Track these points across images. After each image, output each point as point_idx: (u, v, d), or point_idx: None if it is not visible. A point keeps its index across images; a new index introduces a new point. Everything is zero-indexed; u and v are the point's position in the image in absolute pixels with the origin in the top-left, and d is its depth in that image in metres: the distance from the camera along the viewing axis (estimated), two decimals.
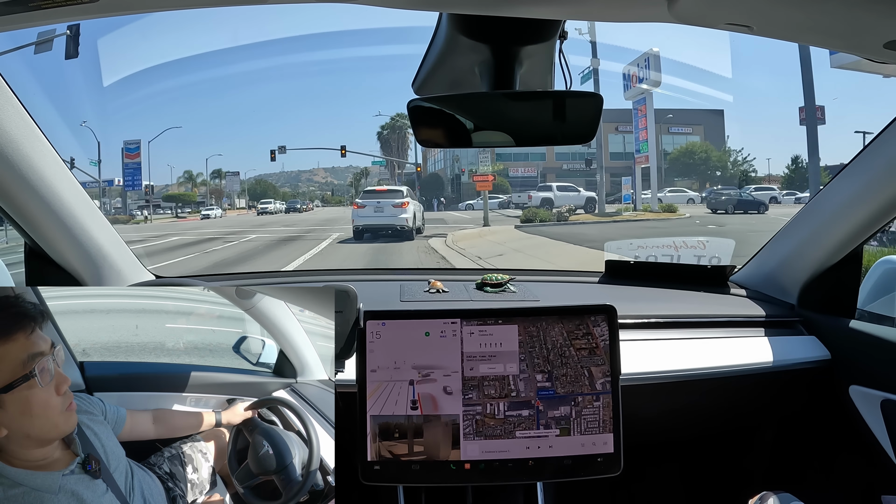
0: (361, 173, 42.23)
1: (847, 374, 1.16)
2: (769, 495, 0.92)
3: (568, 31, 0.77)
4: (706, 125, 30.33)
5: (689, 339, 1.19)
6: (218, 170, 36.53)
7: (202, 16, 24.22)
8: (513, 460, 0.89)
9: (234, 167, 42.19)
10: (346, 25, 31.23)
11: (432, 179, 33.27)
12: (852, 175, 1.09)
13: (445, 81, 0.89)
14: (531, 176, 29.08)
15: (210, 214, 25.88)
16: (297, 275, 1.56)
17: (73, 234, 1.07)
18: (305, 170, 64.07)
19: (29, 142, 0.90)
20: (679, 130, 30.13)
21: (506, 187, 28.12)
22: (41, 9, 0.57)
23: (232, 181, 36.65)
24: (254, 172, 42.73)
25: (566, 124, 0.80)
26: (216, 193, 35.14)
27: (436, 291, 1.35)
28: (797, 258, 1.26)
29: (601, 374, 0.90)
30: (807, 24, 0.60)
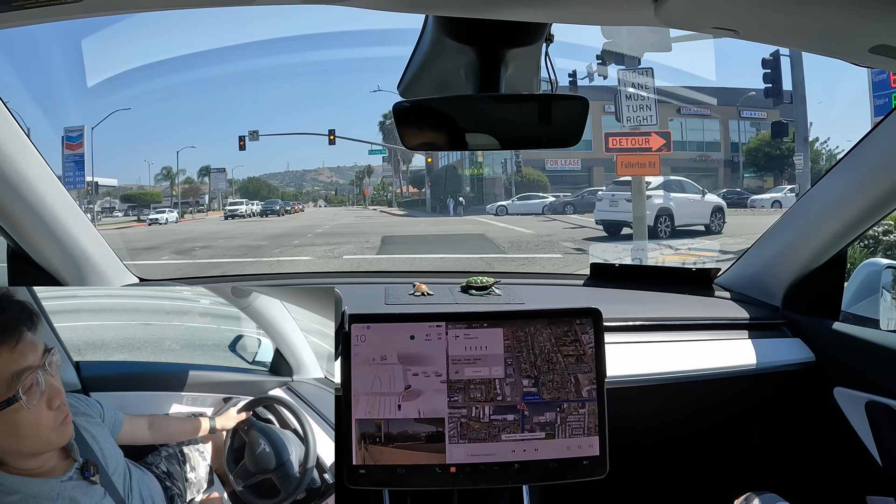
0: (364, 171, 41.91)
1: (832, 376, 1.15)
2: (754, 496, 0.91)
3: (554, 35, 0.75)
4: (782, 108, 25.23)
5: (674, 342, 1.17)
6: (206, 167, 32.40)
7: (188, 17, 23.76)
8: (498, 463, 0.87)
9: (234, 166, 40.79)
10: (333, 27, 30.34)
11: (447, 175, 25.67)
12: (836, 178, 1.08)
13: (431, 84, 0.87)
14: (573, 169, 22.89)
15: (159, 219, 20.99)
16: (282, 277, 1.54)
17: (56, 236, 1.04)
18: (310, 169, 63.93)
19: (12, 143, 0.88)
20: (751, 115, 23.02)
21: (543, 183, 21.73)
22: (24, 8, 0.54)
23: (217, 178, 31.90)
24: (255, 171, 42.13)
25: (552, 126, 0.78)
26: (192, 192, 30.83)
27: (420, 294, 1.32)
28: (782, 261, 1.25)
29: (587, 381, 0.89)
30: (793, 29, 0.59)
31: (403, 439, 0.87)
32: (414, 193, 31.75)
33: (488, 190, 23.37)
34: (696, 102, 21.22)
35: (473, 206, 21.68)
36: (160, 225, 19.97)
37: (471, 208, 21.07)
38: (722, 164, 22.88)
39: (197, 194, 31.03)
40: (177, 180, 30.45)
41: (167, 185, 30.62)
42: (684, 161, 22.07)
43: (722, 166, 22.82)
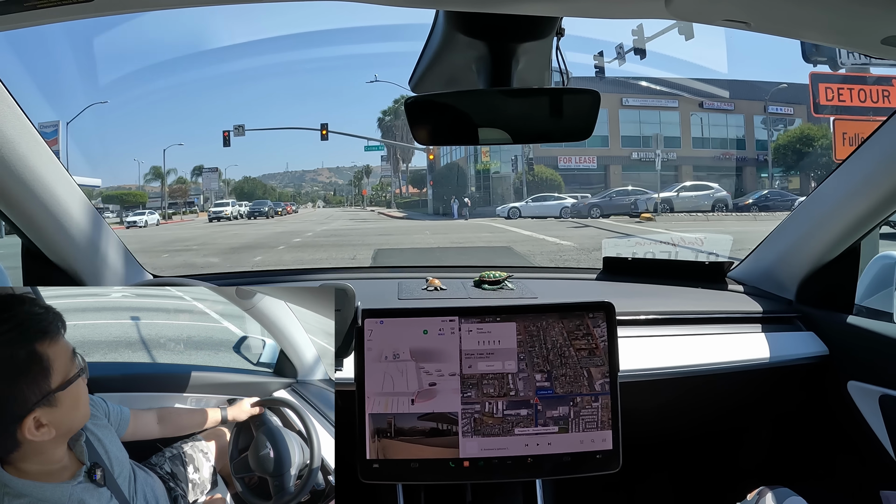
0: (362, 171, 42.01)
1: (845, 370, 1.17)
2: (767, 490, 0.92)
3: (565, 29, 0.77)
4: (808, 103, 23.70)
5: (687, 336, 1.20)
6: (200, 166, 32.14)
7: (196, 14, 23.90)
8: (512, 457, 0.89)
9: (227, 165, 40.57)
10: (343, 24, 30.60)
11: (450, 173, 24.44)
12: (850, 170, 1.10)
13: (443, 78, 0.90)
14: (588, 168, 22.08)
15: (137, 222, 19.99)
16: (295, 273, 1.57)
17: (71, 234, 1.07)
18: (310, 170, 64.35)
19: (25, 141, 0.90)
20: (779, 110, 22.02)
21: (557, 183, 20.77)
22: (36, 8, 0.57)
23: (210, 178, 31.44)
24: (254, 172, 42.17)
25: (563, 120, 0.81)
26: (180, 193, 30.19)
27: (434, 289, 1.36)
28: (795, 254, 1.27)
29: (600, 374, 0.91)
30: (804, 20, 0.61)
31: (417, 433, 0.89)
32: (414, 194, 31.38)
33: (496, 190, 22.62)
34: (715, 97, 20.71)
35: (479, 207, 20.68)
36: (139, 228, 19.35)
37: (476, 210, 20.05)
38: (746, 163, 22.14)
39: (186, 195, 30.46)
40: (168, 180, 30.21)
41: (157, 186, 30.16)
42: (706, 159, 21.59)
43: (746, 165, 22.13)
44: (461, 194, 21.45)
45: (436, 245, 10.87)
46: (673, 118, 21.86)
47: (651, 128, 21.19)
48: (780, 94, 21.47)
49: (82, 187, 1.07)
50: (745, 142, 22.49)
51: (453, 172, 24.38)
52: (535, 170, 21.15)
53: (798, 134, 20.59)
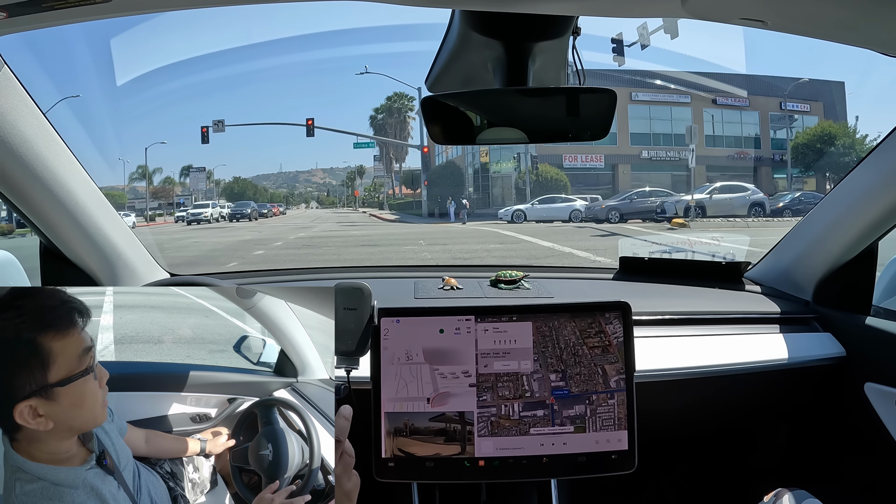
0: (355, 172, 42.00)
1: (862, 371, 1.21)
2: (784, 492, 0.96)
3: (581, 28, 0.81)
4: (825, 102, 21.98)
5: (704, 336, 1.24)
6: (188, 166, 32.29)
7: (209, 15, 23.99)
8: (527, 457, 0.93)
9: (216, 165, 40.40)
10: (357, 23, 30.58)
11: (447, 172, 23.88)
12: (867, 171, 1.14)
13: (459, 78, 0.94)
14: (595, 167, 21.84)
15: None
16: (313, 272, 1.62)
17: (89, 233, 1.11)
18: (303, 170, 64.54)
19: (43, 141, 0.94)
20: (794, 107, 22.05)
21: (563, 183, 20.55)
22: (54, 9, 0.61)
23: (197, 178, 31.65)
24: (246, 173, 42.00)
25: (580, 120, 0.85)
26: (164, 194, 30.84)
27: (450, 288, 1.41)
28: (812, 254, 1.32)
29: (615, 371, 0.95)
30: (821, 19, 0.64)
31: (432, 432, 0.93)
32: (408, 195, 31.01)
33: (496, 190, 22.27)
34: (729, 93, 20.39)
35: (478, 209, 20.11)
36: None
37: (475, 212, 19.40)
38: (762, 163, 21.93)
39: (170, 195, 30.52)
40: (155, 180, 30.46)
41: (143, 186, 30.42)
42: (720, 158, 21.22)
43: (762, 165, 21.93)
44: (458, 195, 20.88)
45: (433, 262, 8.93)
46: (685, 114, 21.58)
47: (661, 125, 21.29)
48: (799, 91, 21.33)
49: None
50: (760, 140, 22.34)
51: (449, 171, 23.85)
52: (540, 169, 20.92)
53: (819, 132, 20.27)
